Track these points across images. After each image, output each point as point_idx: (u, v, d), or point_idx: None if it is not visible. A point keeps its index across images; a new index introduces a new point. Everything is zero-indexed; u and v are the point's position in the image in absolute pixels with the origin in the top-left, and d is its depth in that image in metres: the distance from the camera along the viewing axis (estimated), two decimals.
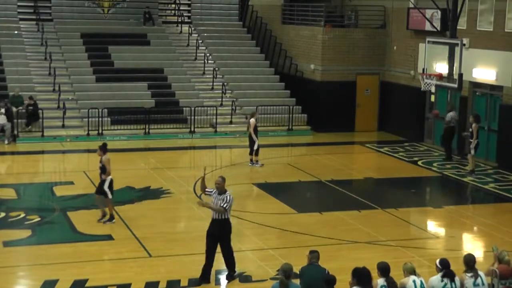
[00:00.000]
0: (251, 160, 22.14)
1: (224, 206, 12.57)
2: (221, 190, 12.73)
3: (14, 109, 25.09)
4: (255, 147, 22.02)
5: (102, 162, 16.11)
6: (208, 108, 27.27)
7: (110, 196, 15.98)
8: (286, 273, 9.62)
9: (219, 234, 12.83)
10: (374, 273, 9.91)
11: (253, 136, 21.97)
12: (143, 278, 12.88)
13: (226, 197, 12.63)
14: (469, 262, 10.24)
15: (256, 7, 33.08)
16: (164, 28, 32.25)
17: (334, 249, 14.70)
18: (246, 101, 28.43)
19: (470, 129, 21.38)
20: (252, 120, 22.08)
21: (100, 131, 25.73)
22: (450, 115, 23.41)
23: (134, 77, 28.59)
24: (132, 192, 18.85)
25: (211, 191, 12.91)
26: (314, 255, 10.48)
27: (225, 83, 28.74)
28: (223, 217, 12.69)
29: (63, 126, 25.79)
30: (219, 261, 14.27)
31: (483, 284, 10.10)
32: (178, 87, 28.61)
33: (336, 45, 28.17)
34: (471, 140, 21.29)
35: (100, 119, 25.69)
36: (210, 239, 12.86)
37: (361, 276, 9.49)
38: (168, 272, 13.30)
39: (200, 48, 30.81)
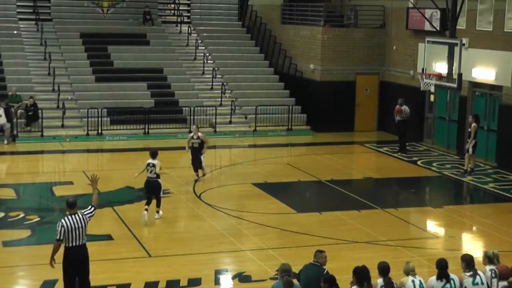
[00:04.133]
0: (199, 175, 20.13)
1: (55, 237, 11.14)
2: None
3: (13, 109, 25.09)
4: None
5: None
6: (208, 108, 27.27)
7: None
8: (287, 273, 9.63)
9: None
10: (375, 272, 9.92)
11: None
12: (143, 278, 12.88)
13: (57, 225, 11.19)
14: (468, 261, 10.24)
15: (255, 7, 33.07)
16: (163, 28, 32.24)
17: (334, 249, 14.67)
18: (246, 101, 28.43)
19: (469, 129, 21.39)
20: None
21: (100, 131, 25.72)
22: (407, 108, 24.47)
23: (133, 77, 28.59)
24: (131, 192, 18.83)
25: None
26: (320, 255, 10.43)
27: (225, 83, 28.73)
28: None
29: (62, 126, 25.79)
30: (219, 261, 14.30)
31: (482, 283, 10.11)
32: (177, 87, 28.61)
33: (335, 45, 28.17)
34: (469, 140, 21.31)
35: (100, 119, 25.68)
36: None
37: (359, 274, 9.54)
38: (167, 272, 13.30)
39: (199, 48, 30.82)
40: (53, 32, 30.29)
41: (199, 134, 19.76)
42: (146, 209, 16.06)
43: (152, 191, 16.42)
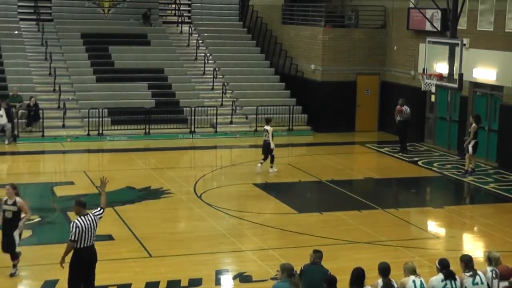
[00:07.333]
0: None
1: (70, 238, 10.95)
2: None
3: (14, 109, 25.10)
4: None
5: None
6: (209, 108, 27.27)
7: None
8: (290, 272, 9.63)
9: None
10: (375, 273, 9.92)
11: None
12: (143, 278, 12.88)
13: (71, 225, 10.97)
14: (467, 262, 10.25)
15: (256, 7, 33.08)
16: (164, 28, 32.25)
17: (334, 249, 14.69)
18: (246, 101, 28.43)
19: (469, 130, 21.40)
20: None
21: (101, 131, 25.73)
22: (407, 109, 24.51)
23: (134, 77, 28.58)
24: (132, 192, 18.85)
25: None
26: (317, 255, 10.46)
27: (225, 83, 28.74)
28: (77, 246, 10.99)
29: (63, 126, 25.79)
30: (219, 261, 14.31)
31: (482, 283, 10.12)
32: (178, 87, 28.61)
33: (336, 45, 28.16)
34: (468, 140, 21.32)
35: (101, 119, 25.68)
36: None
37: (352, 276, 9.59)
38: (168, 272, 13.30)
39: (200, 48, 30.81)
40: (54, 32, 30.30)
41: (17, 198, 13.09)
42: (261, 163, 20.80)
43: (265, 150, 20.81)
